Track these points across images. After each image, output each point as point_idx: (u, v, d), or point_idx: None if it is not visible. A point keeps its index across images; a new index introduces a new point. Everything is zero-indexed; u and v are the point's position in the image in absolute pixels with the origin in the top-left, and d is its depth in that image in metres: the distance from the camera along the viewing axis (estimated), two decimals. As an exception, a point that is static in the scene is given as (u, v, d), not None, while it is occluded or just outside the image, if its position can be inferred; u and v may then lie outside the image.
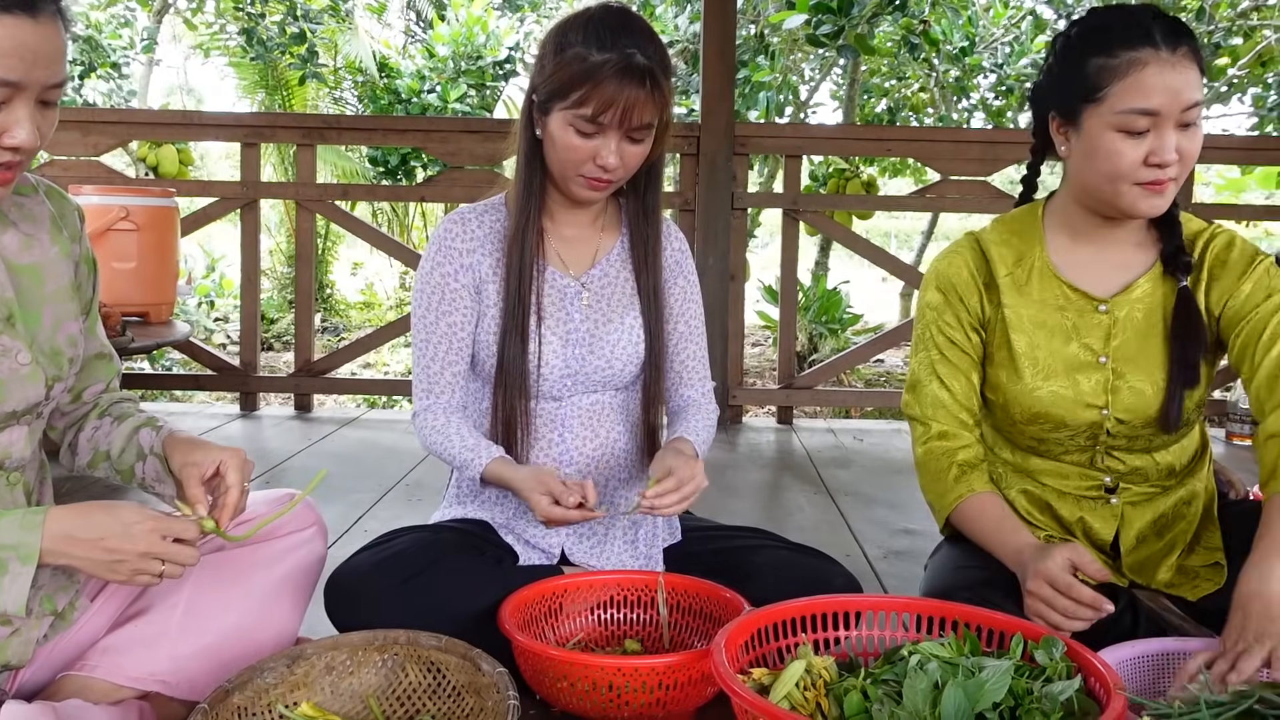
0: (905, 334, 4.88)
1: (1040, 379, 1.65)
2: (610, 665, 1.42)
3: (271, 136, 4.58)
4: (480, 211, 1.78)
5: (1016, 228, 1.72)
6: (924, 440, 1.70)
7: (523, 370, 1.70)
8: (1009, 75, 7.75)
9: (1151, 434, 1.65)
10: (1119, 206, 1.57)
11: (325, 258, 9.86)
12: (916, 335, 1.75)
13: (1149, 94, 1.48)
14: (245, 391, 4.31)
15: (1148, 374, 1.62)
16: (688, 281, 1.86)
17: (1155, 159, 1.49)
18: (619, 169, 1.63)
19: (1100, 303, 1.65)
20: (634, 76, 1.56)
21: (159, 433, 1.43)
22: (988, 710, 1.22)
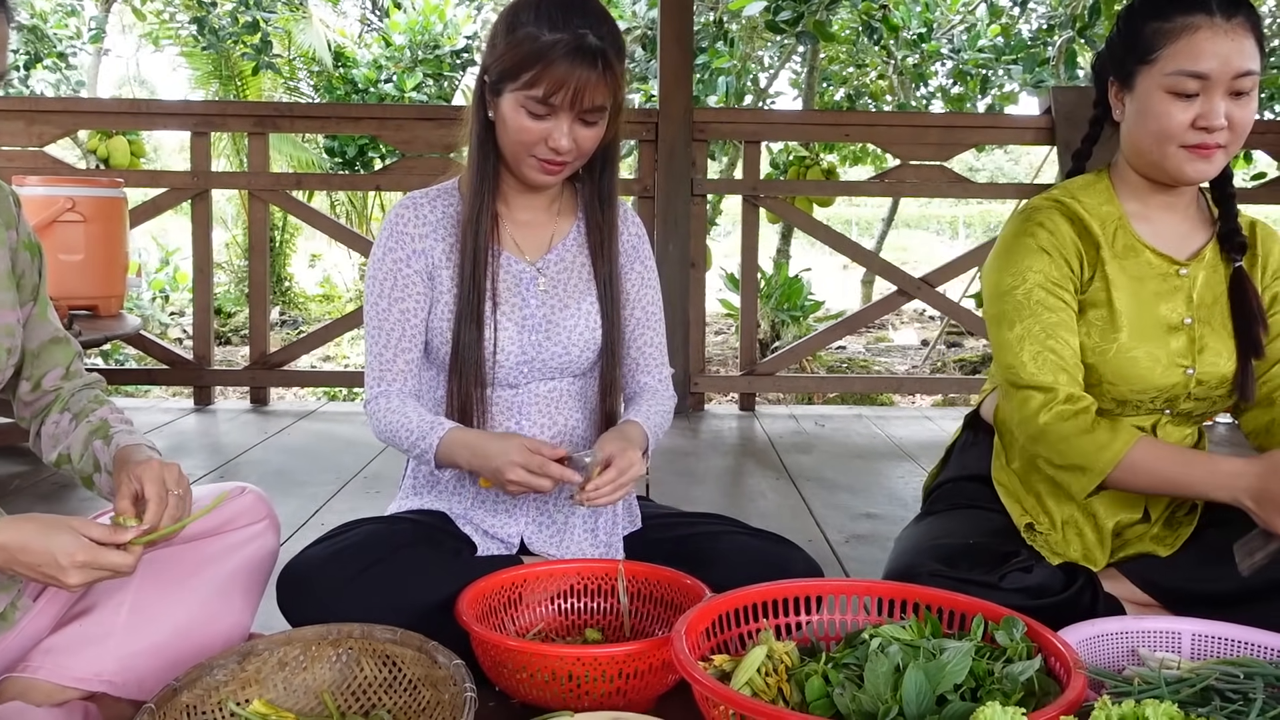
0: (867, 318, 4.90)
1: (1136, 339, 1.65)
2: (569, 655, 1.40)
3: (222, 125, 4.50)
4: (433, 196, 1.75)
5: (1092, 192, 1.71)
6: (1050, 406, 1.60)
7: (478, 357, 1.67)
8: (966, 61, 7.78)
9: (1220, 398, 1.69)
10: (1166, 170, 1.61)
11: (283, 250, 9.73)
12: (1015, 303, 1.64)
13: (1199, 57, 1.52)
14: (199, 386, 4.24)
15: (1223, 339, 1.67)
16: (645, 267, 1.84)
17: (1203, 122, 1.54)
18: (572, 151, 1.61)
19: (1181, 266, 1.68)
20: (585, 57, 1.53)
21: (109, 445, 1.40)
22: (949, 692, 1.21)
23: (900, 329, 9.27)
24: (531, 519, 1.75)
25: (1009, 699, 1.20)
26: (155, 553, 1.44)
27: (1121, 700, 1.10)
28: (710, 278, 6.69)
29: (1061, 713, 1.11)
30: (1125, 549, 1.71)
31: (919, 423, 4.13)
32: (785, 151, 6.97)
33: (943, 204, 23.83)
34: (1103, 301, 1.66)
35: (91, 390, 1.52)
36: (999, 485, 1.77)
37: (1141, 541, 1.71)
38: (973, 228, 22.48)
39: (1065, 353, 1.62)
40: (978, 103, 8.21)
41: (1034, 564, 1.63)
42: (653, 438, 1.73)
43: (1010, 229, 1.71)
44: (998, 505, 1.76)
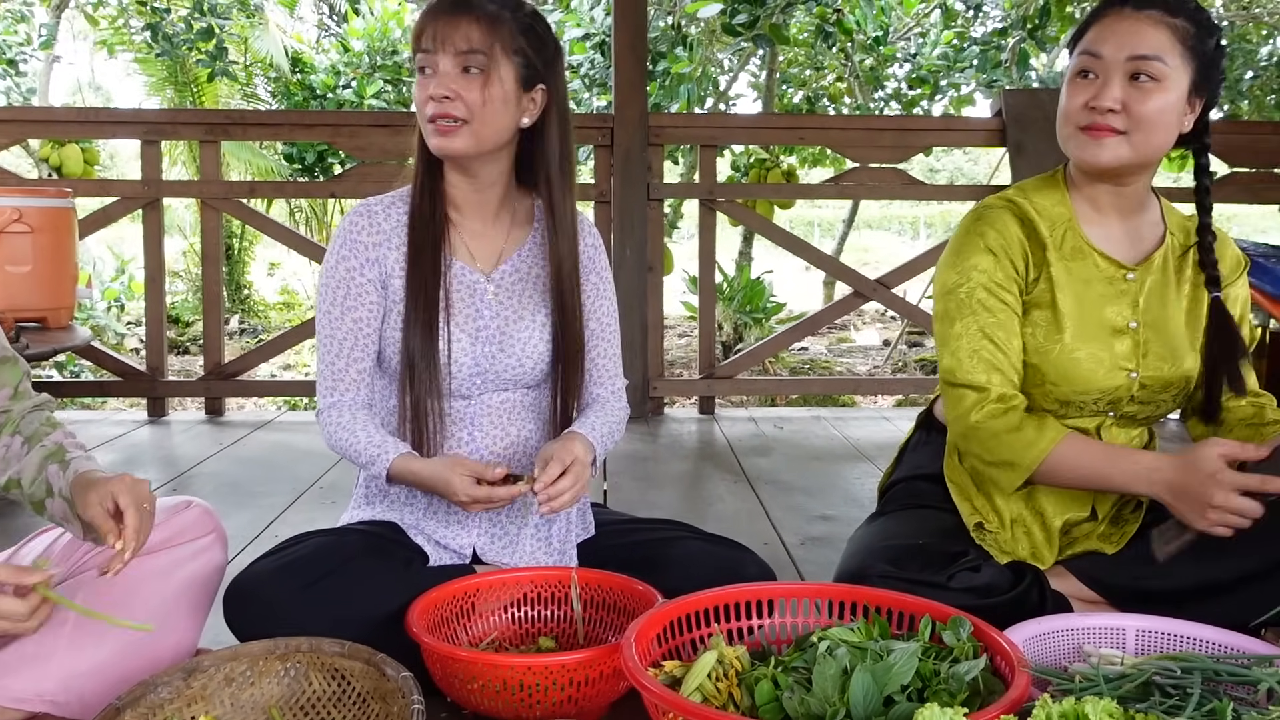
0: (825, 320, 4.94)
1: (1080, 340, 1.67)
2: (520, 664, 1.40)
3: (173, 134, 4.46)
4: (387, 204, 1.73)
5: (1045, 193, 1.74)
6: (981, 405, 1.64)
7: (432, 367, 1.66)
8: (921, 66, 7.85)
9: (1164, 401, 1.73)
10: (1070, 154, 1.66)
11: (241, 258, 9.64)
12: (958, 301, 1.68)
13: (1097, 39, 1.59)
14: (153, 397, 4.19)
15: (1169, 343, 1.70)
16: (600, 279, 1.83)
17: (1093, 102, 1.58)
18: (457, 104, 1.58)
19: (1129, 270, 1.71)
20: (454, 3, 1.59)
21: (66, 470, 1.39)
22: (895, 693, 1.22)
23: (862, 330, 9.33)
24: (484, 529, 1.74)
25: (954, 699, 1.21)
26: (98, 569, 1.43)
27: (1062, 698, 1.11)
28: (674, 281, 6.72)
29: (1003, 711, 1.12)
30: (1073, 547, 1.73)
31: (876, 423, 4.15)
32: (746, 154, 7.00)
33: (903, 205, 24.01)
34: (1047, 303, 1.68)
35: (42, 412, 1.50)
36: (951, 483, 1.79)
37: (1089, 539, 1.73)
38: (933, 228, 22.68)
39: (1000, 353, 1.66)
40: (934, 105, 8.29)
41: (982, 563, 1.65)
42: (599, 447, 1.72)
43: (961, 228, 1.74)
44: (949, 504, 1.78)
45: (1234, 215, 18.21)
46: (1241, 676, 1.19)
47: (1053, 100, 1.74)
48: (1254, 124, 6.80)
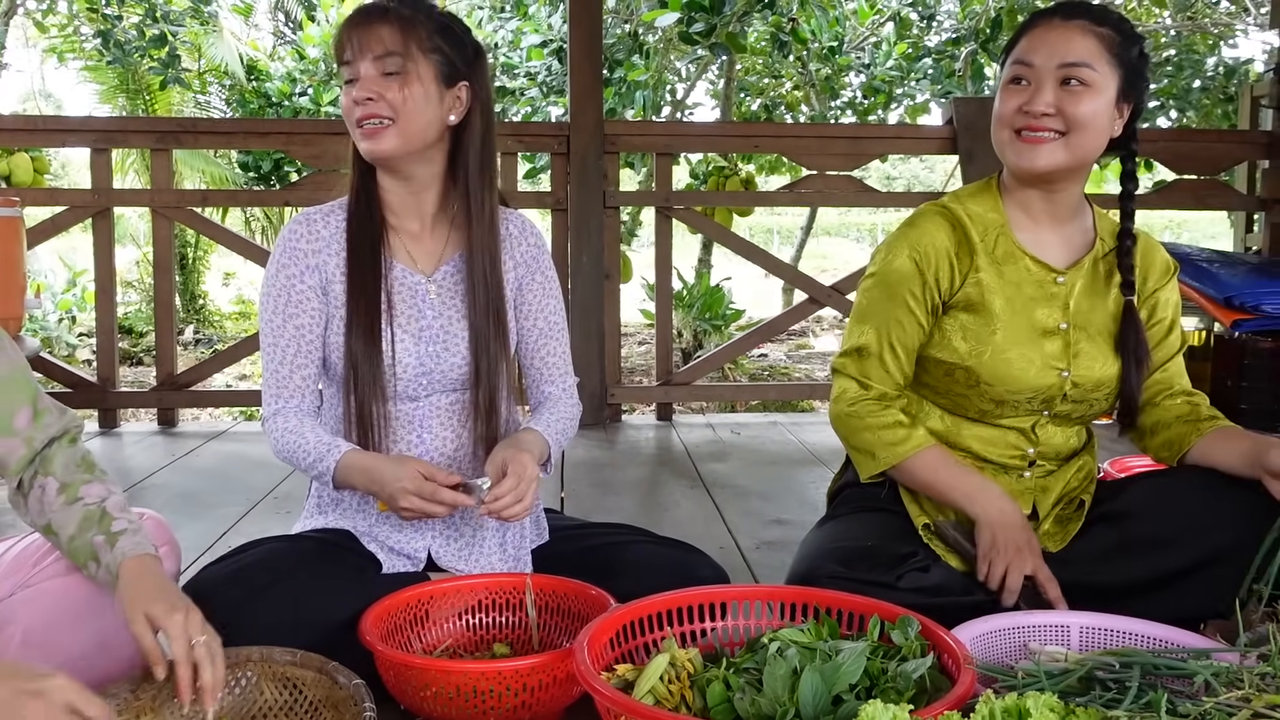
0: (781, 326, 4.96)
1: (1010, 341, 1.71)
2: (473, 670, 1.40)
3: (124, 141, 4.40)
4: (326, 212, 1.74)
5: (980, 200, 1.78)
6: (856, 399, 1.76)
7: (376, 370, 1.66)
8: (876, 75, 7.94)
9: (1097, 401, 1.77)
10: (1004, 158, 1.71)
11: (196, 267, 9.54)
12: (870, 296, 1.78)
13: (1028, 48, 1.66)
14: (104, 408, 4.14)
15: (1098, 345, 1.74)
16: (545, 278, 1.84)
17: (1027, 106, 1.63)
18: (380, 104, 1.60)
19: (1059, 274, 1.75)
20: (371, 12, 1.63)
21: (113, 548, 1.34)
22: (844, 692, 1.24)
23: (821, 336, 9.41)
24: (439, 534, 1.74)
25: (902, 696, 1.23)
26: (48, 582, 1.42)
27: (1006, 694, 1.13)
28: (634, 288, 6.74)
29: (948, 708, 1.13)
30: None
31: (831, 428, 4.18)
32: (705, 162, 7.04)
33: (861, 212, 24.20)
34: (977, 306, 1.72)
35: (75, 449, 1.46)
36: (900, 485, 1.82)
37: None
38: (891, 235, 22.86)
39: (896, 361, 1.75)
40: (889, 114, 8.39)
41: (931, 564, 1.67)
42: (554, 444, 1.74)
43: (895, 230, 1.80)
44: (898, 506, 1.81)
45: (1183, 221, 18.58)
46: (1179, 669, 1.22)
47: (1001, 108, 1.78)
48: (1200, 132, 6.94)
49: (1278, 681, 1.14)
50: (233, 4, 10.22)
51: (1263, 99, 4.60)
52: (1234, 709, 1.10)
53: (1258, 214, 4.68)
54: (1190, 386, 1.82)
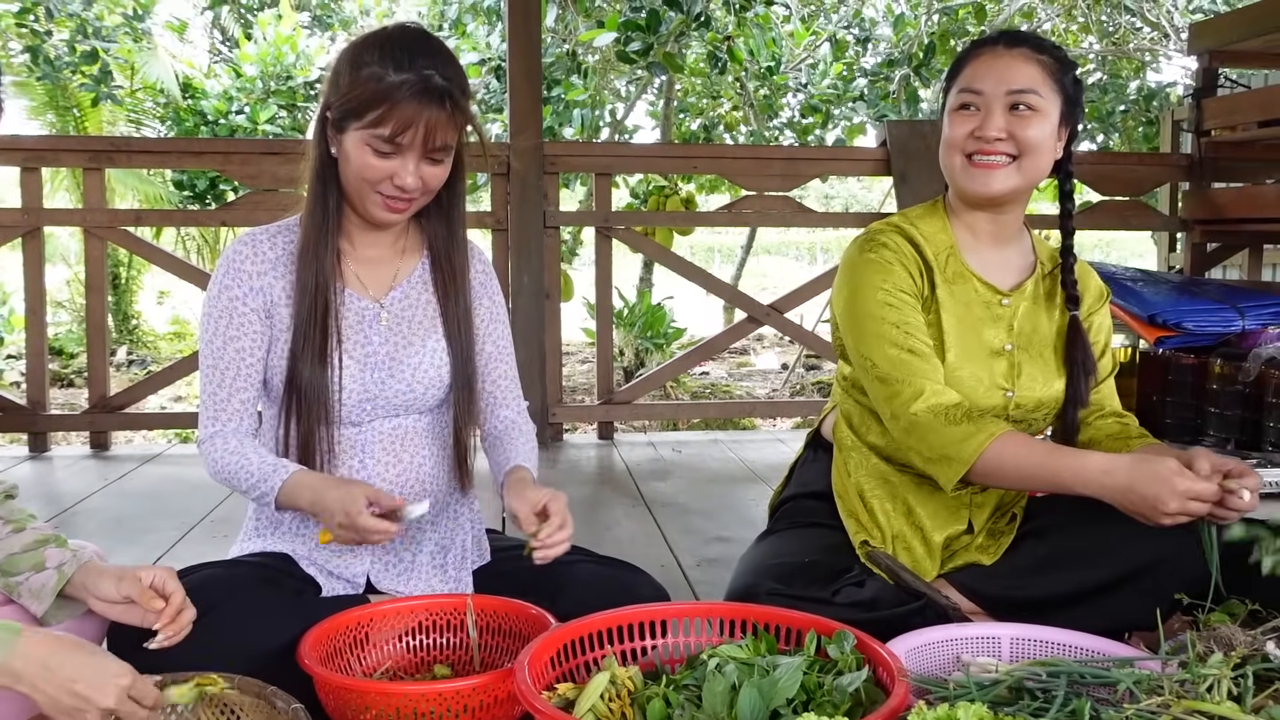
0: (721, 345, 5.02)
1: (962, 360, 1.74)
2: (413, 692, 1.40)
3: (54, 160, 4.32)
4: (273, 233, 1.72)
5: (929, 221, 1.81)
6: (920, 398, 1.66)
7: (320, 395, 1.65)
8: (813, 95, 8.06)
9: (1037, 420, 1.81)
10: (956, 182, 1.75)
11: (129, 287, 9.37)
12: (868, 313, 1.73)
13: (975, 76, 1.71)
14: (33, 431, 4.04)
15: (1040, 366, 1.79)
16: (493, 302, 1.85)
17: (979, 132, 1.68)
18: (418, 190, 1.61)
19: (1004, 296, 1.80)
20: (433, 98, 1.54)
21: (76, 555, 1.44)
22: (781, 706, 1.26)
23: (762, 354, 9.49)
24: (377, 557, 1.73)
25: (838, 709, 1.25)
26: None
27: (938, 704, 1.16)
28: (576, 308, 6.75)
29: (881, 719, 1.16)
30: (953, 559, 1.80)
31: (772, 445, 4.23)
32: (645, 181, 7.09)
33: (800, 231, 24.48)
34: (934, 323, 1.76)
35: (14, 503, 1.51)
36: (838, 499, 1.85)
37: (968, 551, 1.80)
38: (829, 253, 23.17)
39: (924, 350, 1.71)
40: (828, 134, 8.52)
41: (866, 579, 1.70)
42: (534, 476, 1.76)
43: (853, 251, 1.80)
44: (836, 521, 1.84)
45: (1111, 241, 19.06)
46: (1103, 678, 1.26)
47: (934, 131, 1.84)
48: (1124, 155, 7.14)
49: (1196, 688, 1.18)
50: (167, 20, 10.10)
51: (1183, 123, 4.76)
52: (1154, 714, 1.14)
53: (1180, 234, 4.83)
54: (1120, 408, 1.87)
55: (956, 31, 7.41)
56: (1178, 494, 1.45)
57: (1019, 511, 1.83)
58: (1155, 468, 1.47)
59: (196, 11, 11.74)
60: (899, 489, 1.80)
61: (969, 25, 7.62)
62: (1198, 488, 1.45)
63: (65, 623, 1.45)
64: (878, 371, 1.71)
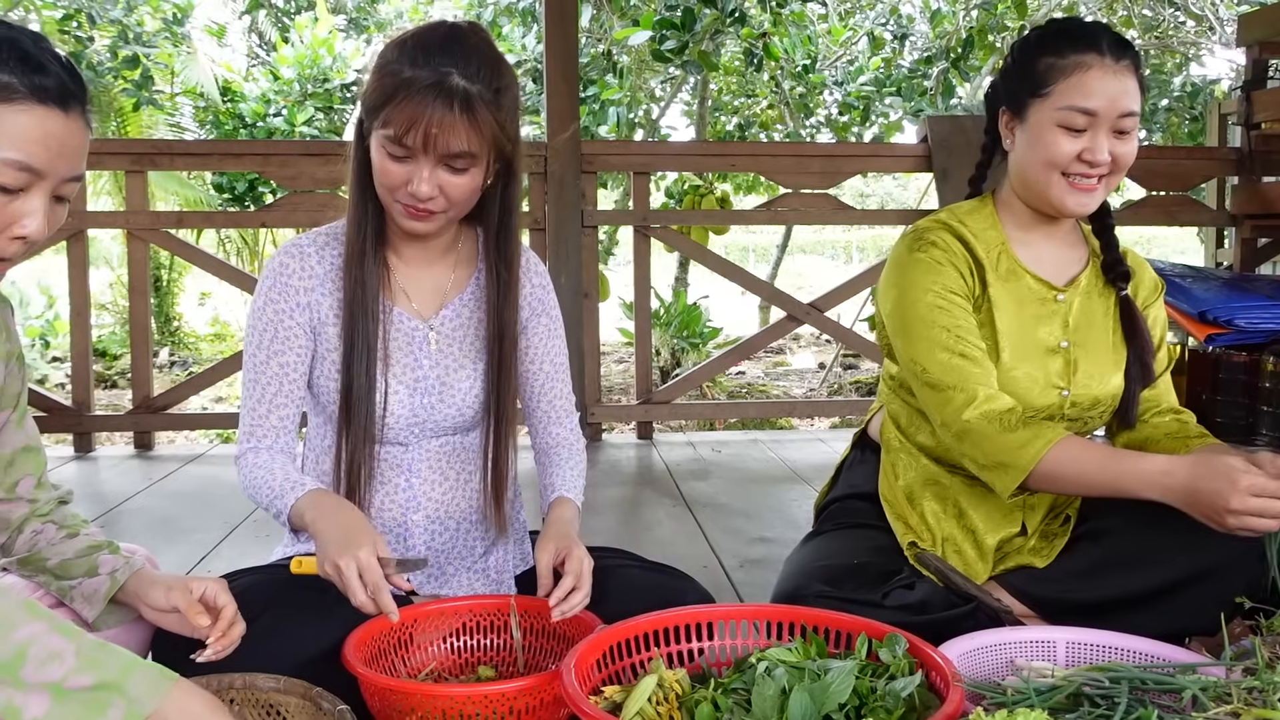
0: (760, 344, 4.98)
1: (1017, 359, 1.70)
2: (459, 694, 1.39)
3: (98, 164, 4.37)
4: (320, 245, 1.63)
5: (977, 218, 1.77)
6: (972, 404, 1.62)
7: (368, 417, 1.60)
8: (850, 93, 8.01)
9: (1093, 419, 1.77)
10: (1050, 199, 1.68)
11: (171, 289, 9.47)
12: (918, 316, 1.69)
13: (1089, 94, 1.61)
14: (79, 432, 4.09)
15: (1097, 362, 1.74)
16: (551, 319, 1.78)
17: (1088, 156, 1.62)
18: (438, 200, 1.50)
19: (1059, 292, 1.75)
20: (441, 97, 1.42)
21: (129, 562, 1.44)
22: (834, 711, 1.23)
23: (798, 353, 9.44)
24: None
25: (891, 715, 1.23)
26: None
27: (995, 710, 1.13)
28: (610, 307, 6.74)
29: (938, 726, 1.13)
30: (1005, 562, 1.77)
31: (813, 445, 4.20)
32: (680, 181, 7.07)
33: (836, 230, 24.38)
34: (986, 322, 1.72)
35: (69, 506, 1.52)
36: (885, 502, 1.82)
37: (1020, 554, 1.77)
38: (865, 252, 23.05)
39: (976, 354, 1.67)
40: (865, 131, 8.46)
41: (916, 581, 1.67)
42: (579, 501, 1.72)
43: (901, 249, 1.76)
44: (883, 523, 1.81)
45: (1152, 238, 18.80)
46: (1167, 684, 1.23)
47: (976, 126, 1.80)
48: (1171, 149, 7.03)
49: (1265, 695, 1.15)
50: (206, 25, 10.21)
51: (1231, 116, 4.67)
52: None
53: (1228, 229, 4.74)
54: (1178, 404, 1.83)
55: (995, 26, 7.32)
56: (1240, 490, 1.40)
57: (1073, 513, 1.79)
58: (1217, 465, 1.43)
59: (235, 15, 11.88)
60: (950, 491, 1.77)
61: (1008, 20, 7.53)
62: (1261, 483, 1.40)
63: (114, 629, 1.45)
64: (928, 377, 1.67)
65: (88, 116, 1.23)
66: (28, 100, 1.14)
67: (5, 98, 1.13)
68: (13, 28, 1.19)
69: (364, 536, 1.43)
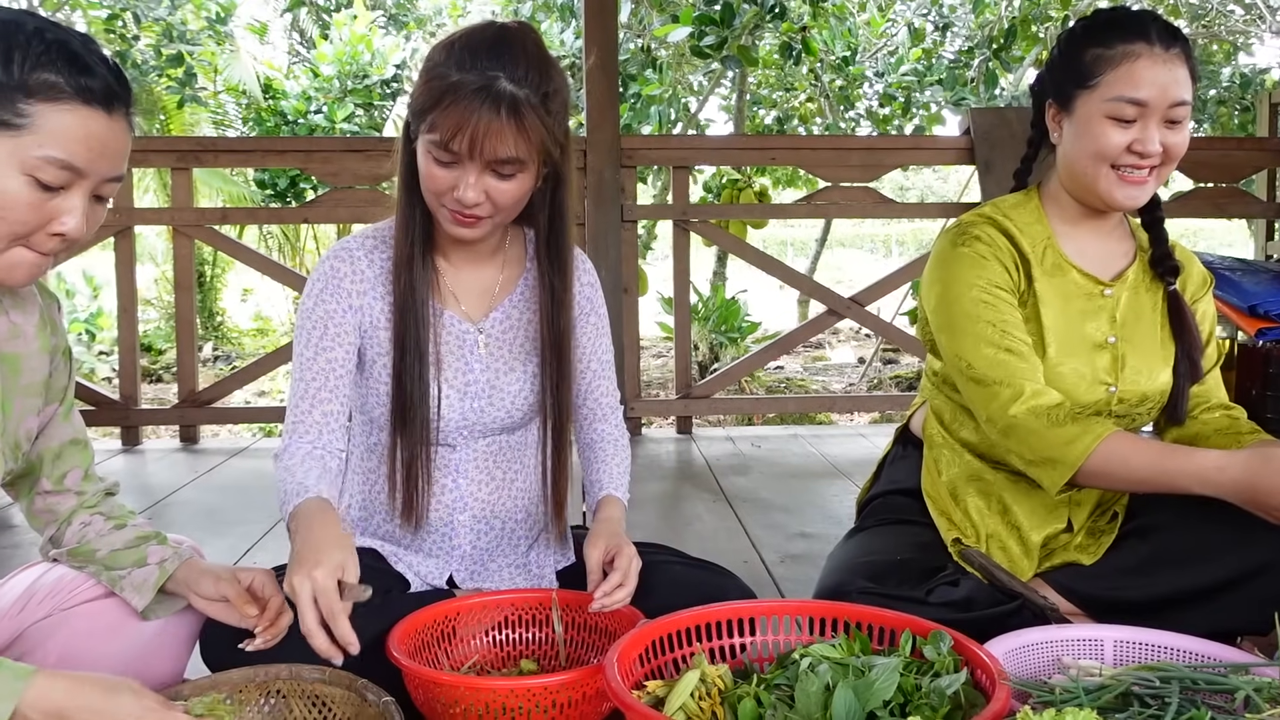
0: (800, 339, 4.96)
1: (1063, 355, 1.68)
2: (502, 687, 1.39)
3: (143, 161, 4.43)
4: (369, 248, 1.62)
5: (1022, 211, 1.75)
6: (1019, 399, 1.59)
7: (423, 423, 1.60)
8: (891, 84, 7.94)
9: (1141, 415, 1.74)
10: (1098, 192, 1.65)
11: (214, 285, 9.59)
12: (963, 311, 1.67)
13: (1139, 85, 1.58)
14: (126, 425, 4.15)
15: (1145, 357, 1.71)
16: (599, 317, 1.78)
17: (1139, 147, 1.60)
18: (484, 205, 1.48)
19: (1106, 286, 1.73)
20: (488, 102, 1.40)
21: (177, 551, 1.48)
22: (878, 708, 1.22)
23: (837, 347, 9.38)
24: (459, 563, 1.72)
25: (936, 713, 1.22)
26: (84, 605, 1.45)
27: (1043, 709, 1.12)
28: (649, 301, 6.74)
29: (985, 724, 1.12)
30: (1051, 559, 1.75)
31: (854, 440, 4.18)
32: (718, 176, 7.05)
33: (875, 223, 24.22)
34: (1032, 317, 1.70)
35: (115, 500, 1.55)
36: (928, 498, 1.80)
37: (1066, 551, 1.75)
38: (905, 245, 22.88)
39: (1022, 349, 1.65)
40: (904, 124, 8.38)
41: (960, 578, 1.66)
42: (625, 498, 1.72)
43: (944, 244, 1.74)
44: (927, 519, 1.79)
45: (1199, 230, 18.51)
46: (1219, 684, 1.21)
47: (1020, 118, 1.77)
48: (1219, 139, 6.92)
49: (1321, 696, 1.12)
50: (248, 23, 10.32)
51: (1282, 105, 4.58)
52: (1277, 724, 1.08)
53: (1279, 221, 4.65)
54: (1228, 400, 1.79)
55: (1038, 16, 7.23)
56: None
57: (1121, 509, 1.76)
58: (1275, 459, 1.40)
59: (276, 13, 11.99)
60: (993, 487, 1.75)
61: (1051, 9, 7.43)
62: None
63: (163, 618, 1.47)
64: (974, 373, 1.65)
65: (131, 119, 1.25)
66: (72, 100, 1.16)
67: (51, 97, 1.15)
68: (64, 30, 1.21)
69: (327, 555, 1.33)
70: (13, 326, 1.35)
